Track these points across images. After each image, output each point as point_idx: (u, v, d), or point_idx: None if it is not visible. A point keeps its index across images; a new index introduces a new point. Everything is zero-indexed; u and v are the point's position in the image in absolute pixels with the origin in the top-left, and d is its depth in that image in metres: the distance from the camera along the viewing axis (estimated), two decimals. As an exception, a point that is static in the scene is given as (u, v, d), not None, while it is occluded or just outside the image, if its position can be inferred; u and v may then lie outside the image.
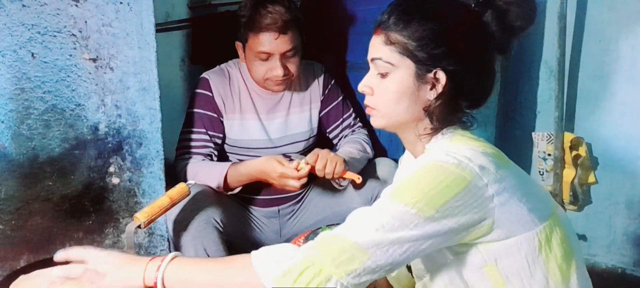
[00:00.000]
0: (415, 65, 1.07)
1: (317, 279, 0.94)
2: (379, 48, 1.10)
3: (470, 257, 1.05)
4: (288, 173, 1.67)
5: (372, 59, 1.12)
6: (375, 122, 1.15)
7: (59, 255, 1.12)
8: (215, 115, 1.89)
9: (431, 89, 1.08)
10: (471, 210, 0.98)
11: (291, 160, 1.75)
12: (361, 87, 1.15)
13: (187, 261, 1.08)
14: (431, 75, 1.07)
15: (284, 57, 1.83)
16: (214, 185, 1.77)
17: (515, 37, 1.12)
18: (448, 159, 1.00)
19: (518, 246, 1.02)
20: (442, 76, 1.06)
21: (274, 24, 1.77)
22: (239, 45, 1.91)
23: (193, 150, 1.86)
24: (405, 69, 1.08)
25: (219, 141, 1.91)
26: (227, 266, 1.04)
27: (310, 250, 0.98)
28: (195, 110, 1.89)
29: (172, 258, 1.06)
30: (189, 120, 1.89)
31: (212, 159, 1.88)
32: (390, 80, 1.09)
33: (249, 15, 1.80)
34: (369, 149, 2.02)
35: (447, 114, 1.09)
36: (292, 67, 1.87)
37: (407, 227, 0.95)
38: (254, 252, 1.02)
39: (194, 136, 1.87)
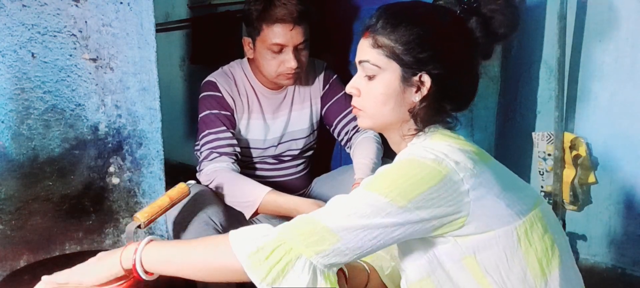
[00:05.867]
0: (402, 68, 1.10)
1: (287, 257, 1.00)
2: (366, 51, 1.13)
3: (450, 249, 1.07)
4: None
5: (360, 62, 1.15)
6: (362, 123, 1.19)
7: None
8: (229, 113, 1.87)
9: (416, 92, 1.12)
10: (445, 203, 1.01)
11: None
12: (349, 89, 1.19)
13: (164, 243, 1.13)
14: (416, 78, 1.11)
15: (296, 49, 1.82)
16: (243, 208, 1.73)
17: (498, 43, 1.17)
18: (425, 154, 1.04)
19: (496, 240, 1.05)
20: (427, 79, 1.10)
21: (290, 15, 1.77)
22: (247, 41, 1.89)
23: (220, 149, 1.82)
24: (391, 72, 1.11)
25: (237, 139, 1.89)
26: (203, 244, 1.09)
27: (284, 229, 1.03)
28: (211, 111, 1.85)
29: (149, 241, 1.10)
30: (207, 122, 1.85)
31: (237, 158, 1.85)
32: (377, 83, 1.13)
33: (262, 7, 1.80)
34: (381, 153, 1.95)
35: (431, 115, 1.13)
36: (304, 60, 1.87)
37: (378, 214, 1.00)
38: (232, 231, 1.07)
39: (218, 136, 1.83)
